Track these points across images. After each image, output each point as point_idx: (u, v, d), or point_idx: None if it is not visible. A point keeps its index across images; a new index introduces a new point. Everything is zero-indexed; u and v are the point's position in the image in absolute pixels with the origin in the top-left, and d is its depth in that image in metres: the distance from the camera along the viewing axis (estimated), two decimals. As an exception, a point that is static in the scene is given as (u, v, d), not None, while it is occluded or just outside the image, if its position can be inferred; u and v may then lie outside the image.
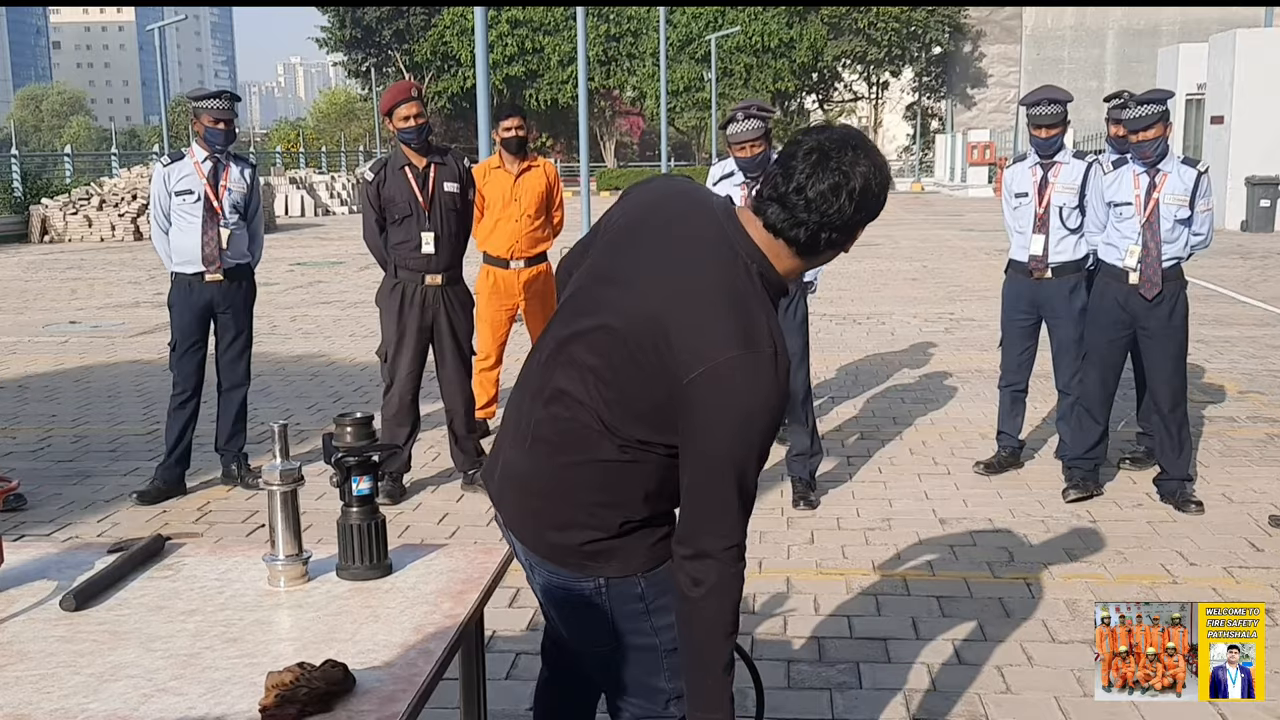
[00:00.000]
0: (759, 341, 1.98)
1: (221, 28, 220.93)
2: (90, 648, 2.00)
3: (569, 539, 2.16)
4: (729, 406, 1.96)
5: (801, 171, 2.00)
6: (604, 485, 2.12)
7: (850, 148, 2.01)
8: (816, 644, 4.11)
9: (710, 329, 1.98)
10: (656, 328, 2.01)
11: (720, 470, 2.00)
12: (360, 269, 16.96)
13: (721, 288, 2.02)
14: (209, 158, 5.82)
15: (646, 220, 2.17)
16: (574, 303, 2.21)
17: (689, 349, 1.97)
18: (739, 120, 5.36)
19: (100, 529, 5.45)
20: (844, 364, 9.30)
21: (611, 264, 2.15)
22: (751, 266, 2.05)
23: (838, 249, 2.08)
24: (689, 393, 1.97)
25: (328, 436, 2.38)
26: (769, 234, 2.06)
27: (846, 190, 1.99)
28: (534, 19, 52.51)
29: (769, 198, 2.04)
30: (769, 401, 1.98)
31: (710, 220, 2.10)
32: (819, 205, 1.99)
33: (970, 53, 54.51)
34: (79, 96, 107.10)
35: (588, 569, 2.17)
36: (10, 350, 10.47)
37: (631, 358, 2.04)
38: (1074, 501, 5.62)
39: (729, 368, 1.95)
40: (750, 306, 2.01)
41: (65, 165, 29.78)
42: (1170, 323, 5.45)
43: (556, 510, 2.16)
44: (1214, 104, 23.42)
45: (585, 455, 2.11)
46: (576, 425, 2.11)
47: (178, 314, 5.88)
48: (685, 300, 2.02)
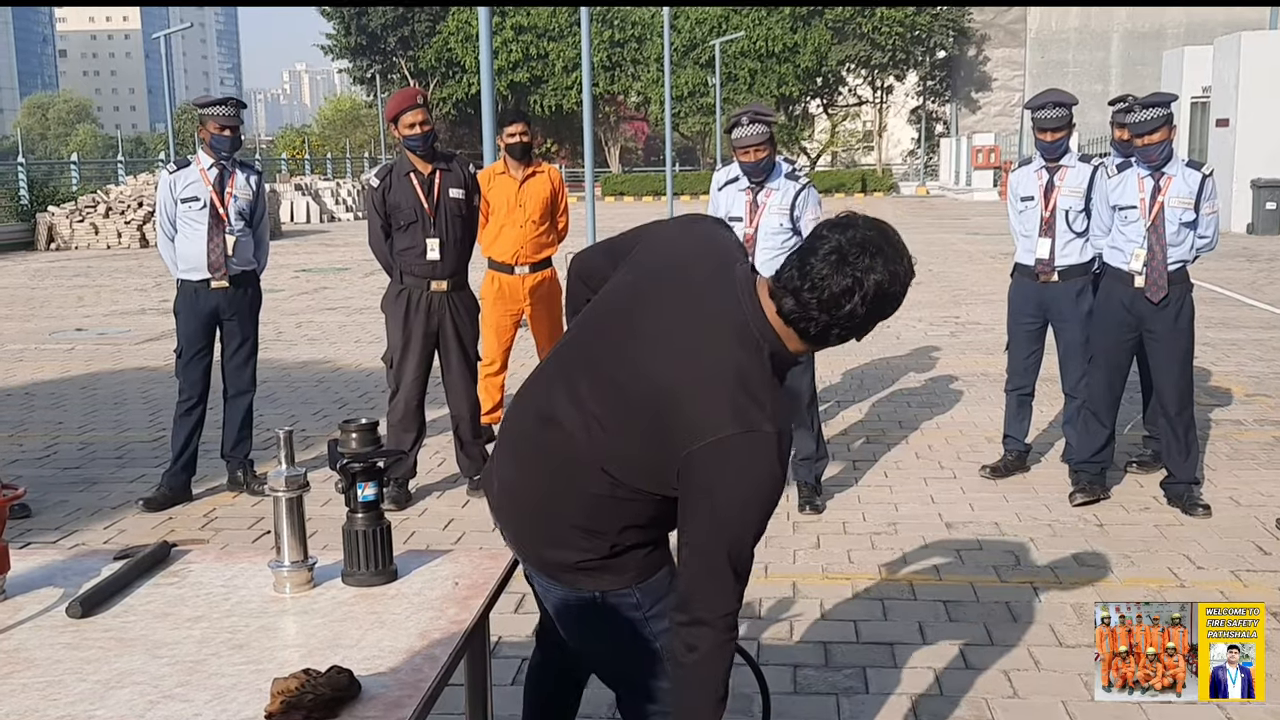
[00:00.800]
0: (762, 422, 2.02)
1: (227, 35, 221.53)
2: (96, 654, 2.01)
3: (562, 557, 2.24)
4: (728, 485, 2.01)
5: (819, 272, 2.02)
6: (594, 515, 2.19)
7: (869, 253, 2.02)
8: (822, 648, 4.10)
9: (716, 407, 2.03)
10: (664, 396, 2.07)
11: (718, 543, 2.05)
12: (365, 275, 16.98)
13: (734, 367, 2.06)
14: (215, 165, 5.83)
15: (679, 279, 2.19)
16: (592, 334, 2.26)
17: (692, 422, 2.03)
18: (744, 125, 5.36)
19: (106, 536, 5.46)
20: (849, 368, 9.29)
21: (637, 316, 2.18)
22: (765, 347, 2.09)
23: (849, 339, 2.13)
24: (689, 464, 2.02)
25: (333, 443, 2.38)
26: (781, 320, 2.09)
27: (860, 294, 2.02)
28: (538, 25, 52.60)
29: (785, 288, 2.07)
30: (769, 481, 2.04)
31: (734, 294, 2.13)
32: (830, 307, 2.03)
33: (975, 56, 54.46)
34: (85, 104, 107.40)
35: (582, 584, 2.25)
36: (17, 358, 10.50)
37: (634, 417, 2.10)
38: (1081, 505, 5.62)
39: (731, 445, 2.00)
40: (758, 388, 2.05)
41: (72, 173, 29.89)
42: (1176, 325, 5.44)
43: (548, 530, 2.24)
44: (1219, 107, 23.40)
45: (578, 486, 2.18)
46: (572, 459, 2.17)
47: (183, 321, 5.89)
48: (697, 375, 2.06)
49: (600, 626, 2.28)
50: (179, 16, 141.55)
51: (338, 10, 54.00)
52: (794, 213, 5.50)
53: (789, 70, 51.89)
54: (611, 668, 2.40)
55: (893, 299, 2.07)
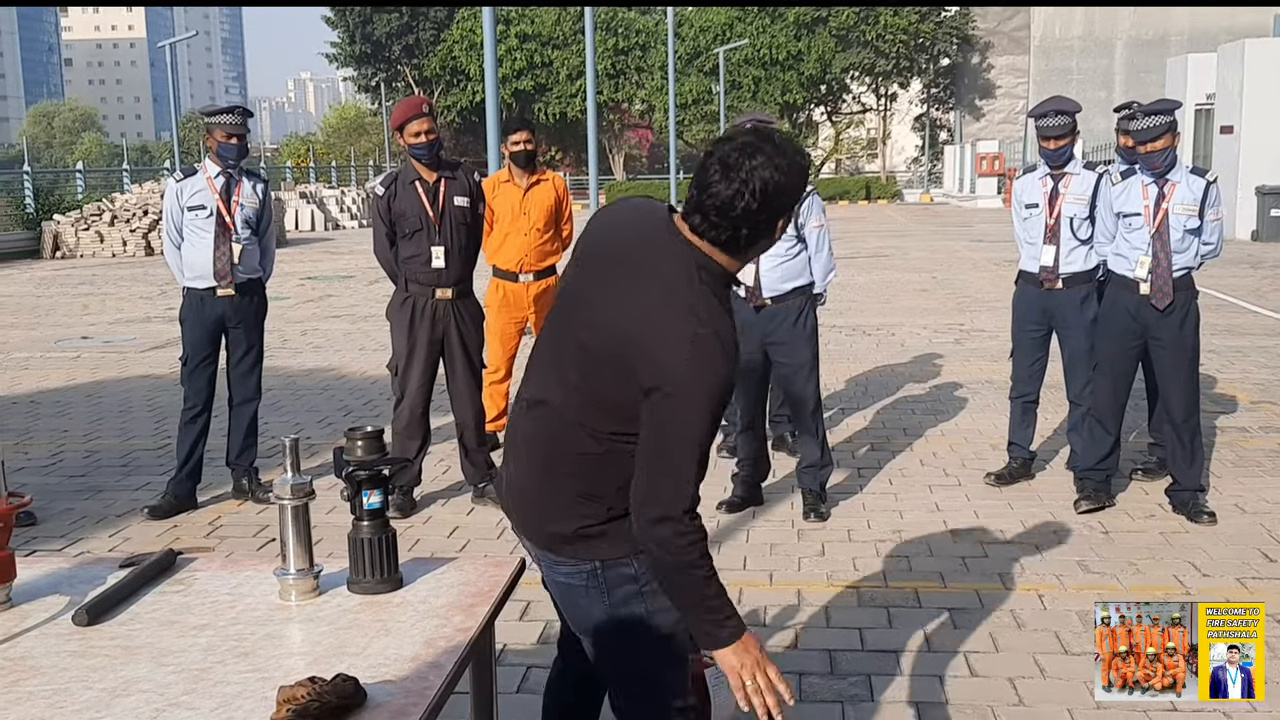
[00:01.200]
0: (705, 326, 2.19)
1: (232, 43, 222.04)
2: (102, 662, 2.01)
3: (563, 527, 2.35)
4: (687, 383, 2.17)
5: (710, 183, 2.22)
6: (590, 478, 2.32)
7: (749, 154, 2.20)
8: (828, 656, 4.10)
9: (670, 327, 2.20)
10: (626, 341, 2.23)
11: (679, 443, 2.19)
12: (370, 283, 17.00)
13: (676, 292, 2.23)
14: (221, 173, 5.85)
15: (615, 245, 2.38)
16: (557, 320, 2.44)
17: (653, 347, 2.20)
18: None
19: (111, 544, 5.47)
20: (854, 375, 9.29)
21: (588, 288, 2.37)
22: (697, 271, 2.26)
23: (761, 241, 2.29)
24: (654, 378, 2.18)
25: (339, 450, 2.39)
26: (698, 238, 2.27)
27: (749, 193, 2.19)
28: (543, 33, 52.69)
29: (691, 208, 2.26)
30: (719, 376, 2.20)
31: (662, 237, 2.31)
32: (727, 211, 2.21)
33: (978, 64, 54.47)
34: (91, 113, 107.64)
35: (583, 552, 2.35)
36: (23, 365, 10.52)
37: (605, 368, 2.26)
38: (1086, 513, 5.61)
39: (685, 350, 2.17)
40: (698, 301, 2.23)
41: (77, 181, 29.94)
42: (1182, 332, 5.44)
43: (548, 503, 2.37)
44: (1223, 114, 23.38)
45: (570, 451, 2.32)
46: (562, 426, 2.33)
47: (189, 329, 5.90)
48: (651, 314, 2.23)
49: (601, 601, 2.37)
50: (184, 25, 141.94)
51: (342, 19, 54.12)
52: (798, 220, 5.50)
53: (793, 78, 51.91)
54: (613, 653, 2.44)
55: (787, 190, 2.23)
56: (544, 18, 53.47)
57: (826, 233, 5.64)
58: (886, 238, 25.86)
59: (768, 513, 5.76)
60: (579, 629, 2.48)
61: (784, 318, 5.54)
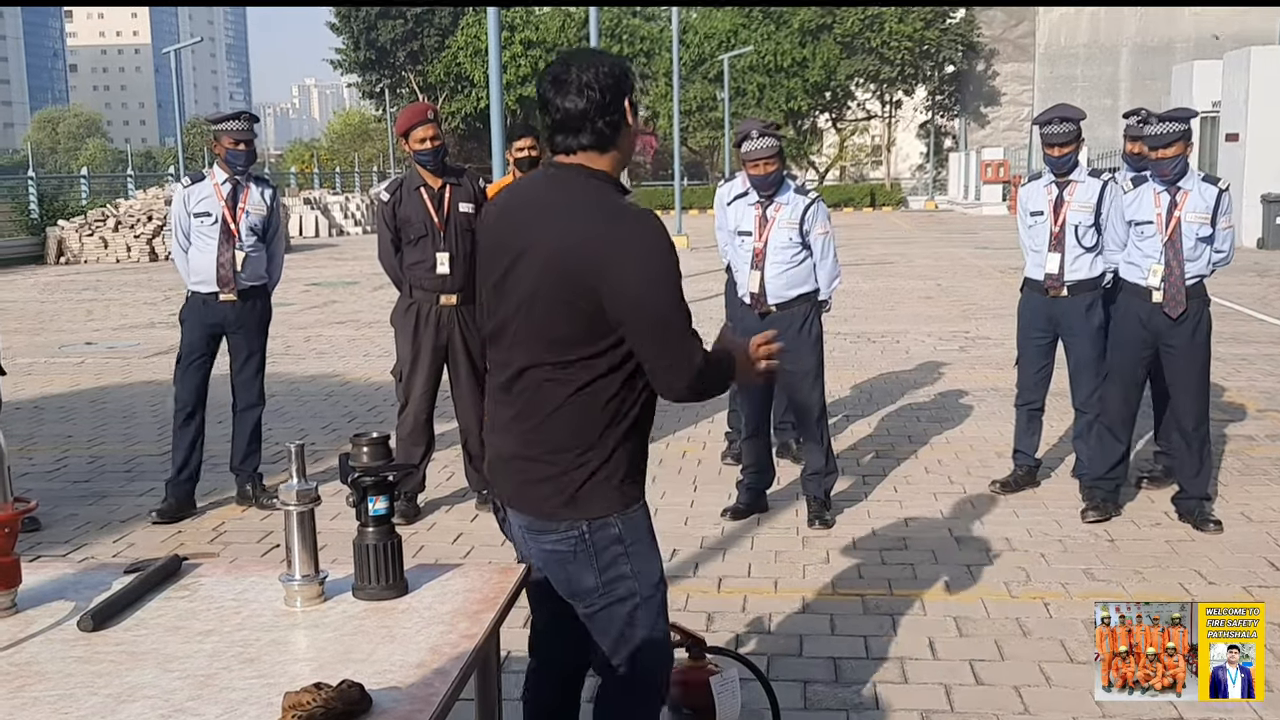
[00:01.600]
0: (627, 215, 2.46)
1: (237, 50, 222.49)
2: (108, 668, 2.00)
3: (553, 489, 2.51)
4: (639, 264, 2.41)
5: (556, 105, 2.48)
6: (573, 426, 2.48)
7: (567, 67, 2.48)
8: (833, 664, 4.09)
9: (597, 233, 2.43)
10: (564, 260, 2.42)
11: (663, 315, 2.43)
12: (375, 289, 17.01)
13: (584, 206, 2.48)
14: (229, 180, 5.87)
15: (506, 216, 2.61)
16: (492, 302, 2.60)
17: (591, 253, 2.40)
18: (754, 138, 5.37)
19: (116, 549, 5.47)
20: (859, 382, 9.28)
21: (508, 249, 2.54)
22: (589, 181, 2.50)
23: (624, 129, 2.52)
24: (609, 278, 2.38)
25: (344, 456, 2.38)
26: (575, 155, 2.50)
27: (590, 89, 2.45)
28: (547, 40, 52.75)
29: (551, 132, 2.51)
30: (662, 246, 2.44)
31: (550, 179, 2.56)
32: (584, 114, 2.46)
33: (984, 71, 54.47)
34: (95, 118, 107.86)
35: (573, 513, 2.50)
36: (26, 371, 10.53)
37: (550, 300, 2.44)
38: (1093, 523, 5.59)
39: (623, 241, 2.42)
40: (610, 203, 2.49)
41: (81, 187, 29.97)
42: (1194, 340, 5.43)
43: (537, 467, 2.52)
44: (1229, 121, 23.39)
45: (549, 402, 2.49)
46: (535, 380, 2.50)
47: (188, 329, 5.92)
48: (569, 228, 2.45)
49: (590, 565, 2.53)
50: (189, 31, 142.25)
51: (347, 25, 54.21)
52: (803, 226, 5.50)
53: (797, 85, 51.94)
54: (596, 615, 2.58)
55: (615, 73, 2.49)
56: (548, 24, 53.56)
57: (831, 239, 5.64)
58: (891, 245, 25.86)
59: (773, 520, 5.76)
60: (565, 594, 2.61)
61: (789, 325, 5.53)
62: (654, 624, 2.62)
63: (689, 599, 4.72)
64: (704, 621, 4.46)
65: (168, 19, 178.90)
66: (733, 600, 4.71)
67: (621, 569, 2.55)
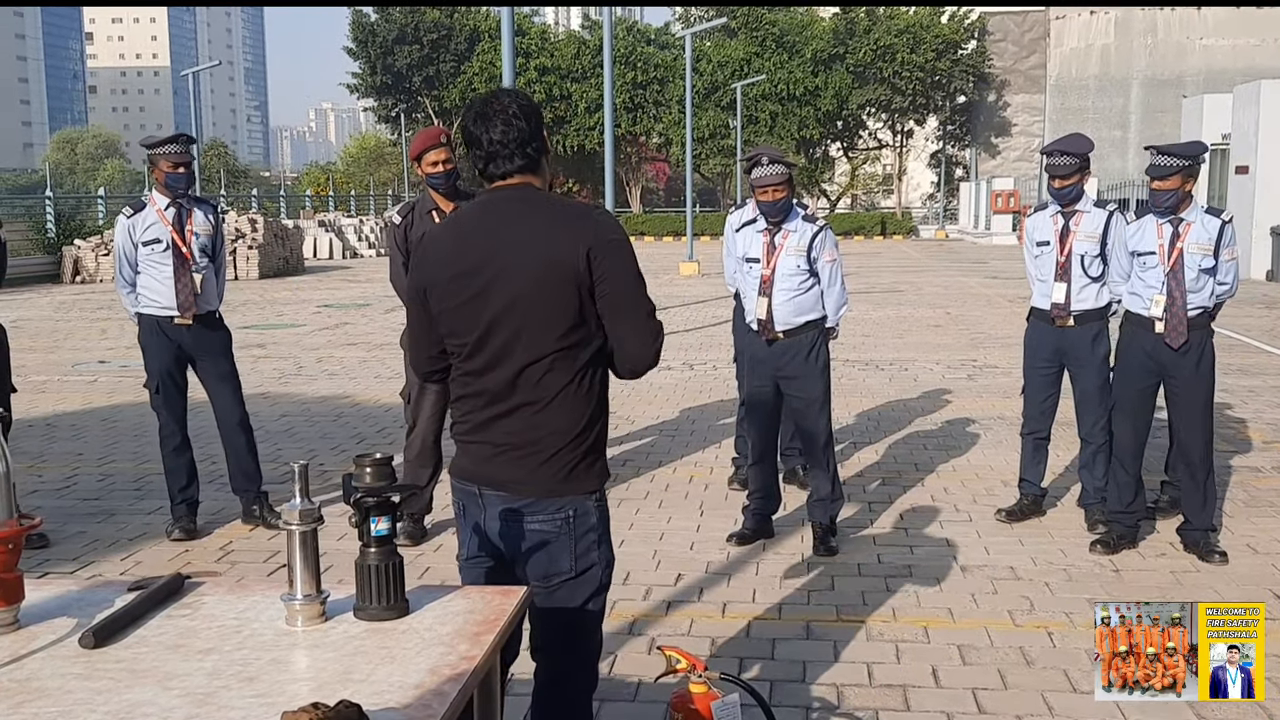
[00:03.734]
0: (592, 213, 2.76)
1: (254, 73, 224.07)
2: (108, 685, 2.01)
3: (552, 470, 2.74)
4: (620, 252, 2.71)
5: (485, 138, 2.73)
6: (570, 408, 2.73)
7: (489, 104, 2.76)
8: (835, 690, 4.08)
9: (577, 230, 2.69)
10: (552, 259, 2.66)
11: (634, 290, 2.73)
12: (387, 311, 17.07)
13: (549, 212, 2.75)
14: (171, 204, 5.82)
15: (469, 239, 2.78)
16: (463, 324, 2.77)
17: (578, 249, 2.66)
18: (764, 165, 5.39)
19: (123, 567, 5.49)
20: (866, 409, 9.28)
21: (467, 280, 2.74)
22: (540, 194, 2.76)
23: (545, 153, 2.80)
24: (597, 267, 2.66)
25: (347, 477, 2.40)
26: (512, 179, 2.76)
27: (515, 119, 2.73)
28: (561, 66, 53.07)
29: (484, 164, 2.77)
30: (625, 236, 2.75)
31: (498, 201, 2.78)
32: (514, 141, 2.73)
33: (995, 102, 54.59)
34: (114, 139, 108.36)
35: (566, 493, 2.76)
36: (40, 389, 10.58)
37: (552, 296, 2.66)
38: (1101, 554, 5.57)
39: (601, 234, 2.70)
40: (570, 206, 2.80)
41: (99, 207, 30.16)
42: (1198, 371, 5.43)
43: (536, 452, 2.74)
44: (1239, 154, 23.38)
45: (547, 396, 2.72)
46: (532, 374, 2.71)
47: (154, 354, 5.87)
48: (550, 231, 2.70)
49: (566, 546, 2.77)
50: (208, 54, 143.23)
51: (364, 50, 54.56)
52: (811, 254, 5.52)
53: (809, 113, 52.11)
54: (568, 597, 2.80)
55: (528, 106, 2.77)
56: (563, 50, 53.88)
57: (839, 267, 5.66)
58: (901, 273, 25.86)
59: (778, 546, 5.75)
60: (537, 574, 2.80)
61: (796, 351, 5.55)
62: (600, 610, 2.90)
63: (693, 624, 4.72)
64: (708, 646, 4.46)
65: (187, 42, 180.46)
66: (737, 625, 4.70)
67: (593, 554, 2.81)
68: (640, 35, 55.39)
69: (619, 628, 4.68)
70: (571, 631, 2.87)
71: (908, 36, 50.67)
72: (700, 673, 3.34)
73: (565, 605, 2.84)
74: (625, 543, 5.79)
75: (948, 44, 51.50)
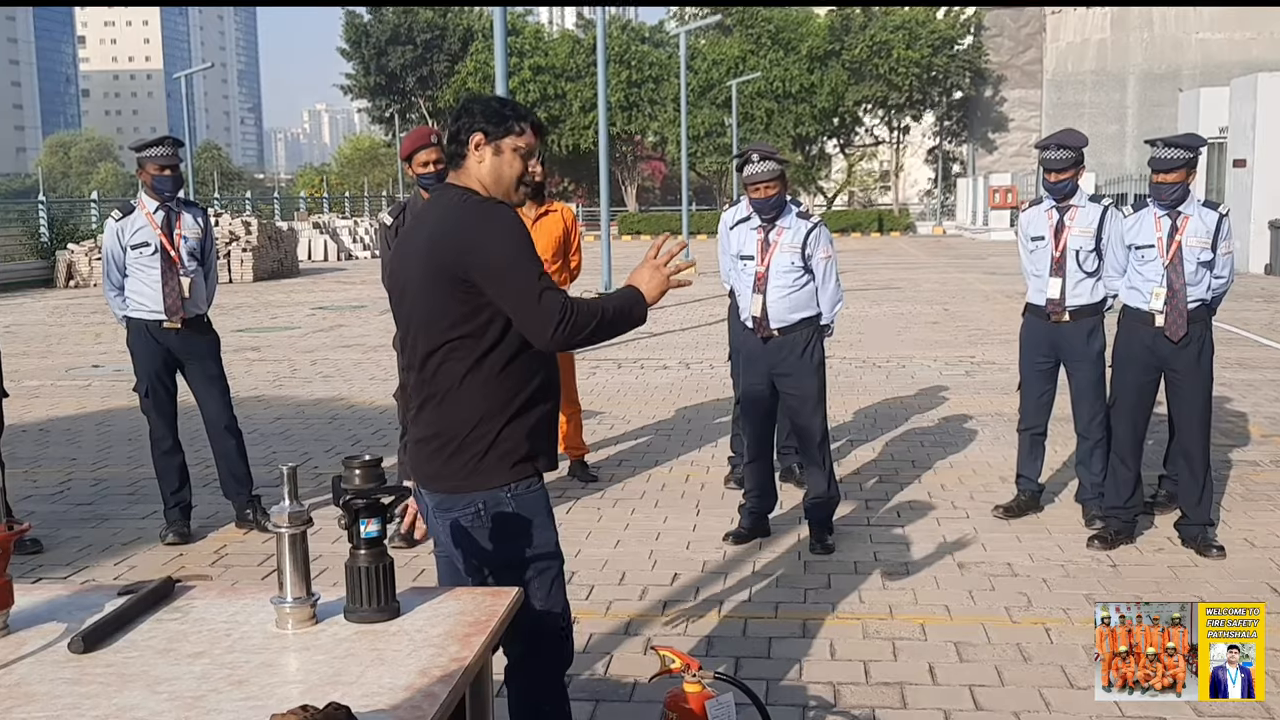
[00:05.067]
0: (477, 206, 2.80)
1: (248, 75, 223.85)
2: (97, 690, 2.00)
3: (457, 465, 2.80)
4: (486, 231, 2.73)
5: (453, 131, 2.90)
6: (468, 404, 2.77)
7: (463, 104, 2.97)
8: (832, 689, 4.07)
9: (457, 224, 2.77)
10: (436, 252, 2.76)
11: (522, 270, 2.71)
12: (381, 312, 17.04)
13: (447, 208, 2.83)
14: (160, 207, 5.81)
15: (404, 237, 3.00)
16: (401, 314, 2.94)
17: (455, 241, 2.74)
18: (755, 162, 5.38)
19: (117, 572, 5.47)
20: (863, 407, 9.27)
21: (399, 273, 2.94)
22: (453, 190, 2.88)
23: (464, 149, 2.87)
24: (474, 259, 2.71)
25: (337, 479, 2.39)
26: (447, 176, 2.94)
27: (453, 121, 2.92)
28: (556, 65, 53.06)
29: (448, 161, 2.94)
30: (506, 223, 2.76)
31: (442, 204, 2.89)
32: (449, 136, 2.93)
33: (991, 97, 54.65)
34: (107, 143, 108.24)
35: (478, 484, 2.80)
36: (34, 394, 10.56)
37: (436, 286, 2.76)
38: (1098, 550, 5.56)
39: (472, 216, 2.77)
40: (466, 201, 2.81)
41: (92, 211, 30.12)
42: (1199, 365, 5.42)
43: (443, 444, 2.81)
44: (1236, 147, 23.40)
45: (447, 386, 2.79)
46: (433, 365, 2.80)
47: (143, 361, 5.87)
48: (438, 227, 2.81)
49: (518, 524, 2.83)
50: (201, 57, 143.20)
51: (358, 51, 54.59)
52: (805, 251, 5.51)
53: (805, 110, 52.14)
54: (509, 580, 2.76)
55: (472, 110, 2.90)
56: (557, 50, 53.89)
57: (834, 264, 5.65)
58: (898, 270, 25.87)
59: (774, 544, 5.74)
60: (471, 566, 2.89)
61: (791, 349, 5.54)
62: (547, 595, 2.89)
63: (689, 623, 4.71)
64: (704, 645, 4.45)
65: (180, 44, 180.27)
66: (733, 624, 4.69)
67: (519, 543, 2.83)
68: (635, 33, 55.41)
69: (614, 627, 4.67)
70: (523, 619, 2.79)
71: (904, 32, 50.74)
72: (695, 672, 3.33)
73: (532, 595, 2.87)
74: (621, 542, 5.78)
75: (944, 40, 51.57)
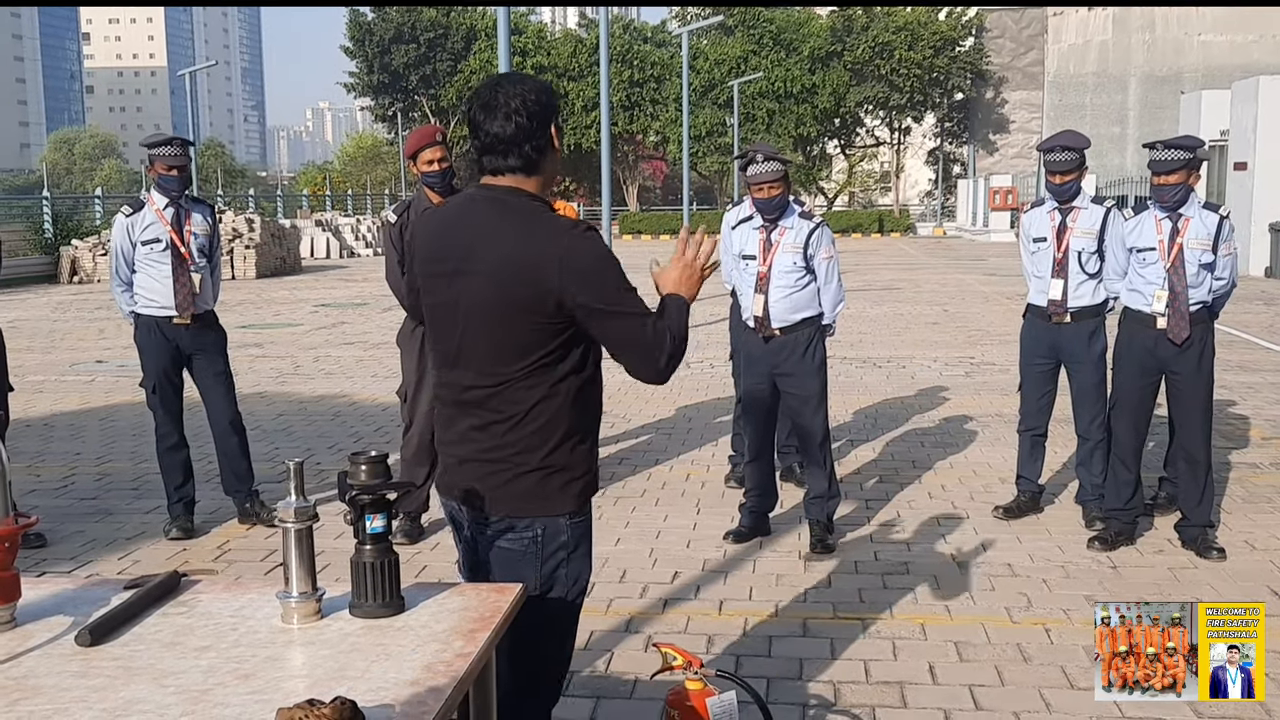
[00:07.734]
0: (567, 230, 2.55)
1: (252, 73, 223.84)
2: (103, 683, 2.02)
3: (518, 490, 2.64)
4: (592, 265, 2.53)
5: (484, 129, 2.59)
6: (535, 431, 2.62)
7: (495, 92, 2.59)
8: (832, 688, 4.08)
9: (546, 249, 2.53)
10: (519, 277, 2.53)
11: (624, 304, 2.54)
12: (383, 310, 17.06)
13: (526, 225, 2.57)
14: (170, 204, 5.85)
15: (447, 237, 2.68)
16: (445, 328, 2.70)
17: (546, 270, 2.51)
18: (759, 161, 5.39)
19: (121, 566, 5.49)
20: (863, 407, 9.28)
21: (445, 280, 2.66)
22: (524, 202, 2.61)
23: (549, 153, 2.64)
24: (568, 292, 2.50)
25: (343, 474, 2.40)
26: (503, 177, 2.62)
27: (518, 114, 2.56)
28: (558, 65, 53.05)
29: (480, 154, 2.62)
30: (603, 253, 2.56)
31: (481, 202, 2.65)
32: (508, 135, 2.57)
33: (992, 99, 54.62)
34: (111, 139, 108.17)
35: (537, 510, 2.65)
36: (38, 389, 10.58)
37: (516, 313, 2.54)
38: (1098, 551, 5.57)
39: (570, 247, 2.53)
40: (550, 221, 2.58)
41: (96, 207, 30.14)
42: (1200, 368, 5.43)
43: (503, 468, 2.64)
44: (1237, 150, 23.39)
45: (513, 412, 2.61)
46: (499, 393, 2.62)
47: (152, 355, 5.89)
48: (518, 247, 2.54)
49: (532, 563, 2.67)
50: (205, 54, 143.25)
51: (361, 49, 54.58)
52: (808, 251, 5.52)
53: (807, 111, 52.12)
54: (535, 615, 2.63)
55: (541, 99, 2.60)
56: (560, 49, 53.88)
57: (836, 264, 5.66)
58: (899, 271, 25.87)
59: (775, 543, 5.76)
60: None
61: (793, 349, 5.55)
62: (566, 629, 2.80)
63: (690, 621, 4.72)
64: (704, 644, 4.46)
65: (184, 42, 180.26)
66: (733, 623, 4.71)
67: (560, 573, 2.71)
68: (637, 33, 55.41)
69: (615, 625, 4.69)
70: (534, 646, 2.76)
71: (905, 34, 50.72)
72: (697, 670, 3.35)
73: (530, 619, 2.70)
74: (622, 540, 5.79)
75: (945, 41, 51.53)
